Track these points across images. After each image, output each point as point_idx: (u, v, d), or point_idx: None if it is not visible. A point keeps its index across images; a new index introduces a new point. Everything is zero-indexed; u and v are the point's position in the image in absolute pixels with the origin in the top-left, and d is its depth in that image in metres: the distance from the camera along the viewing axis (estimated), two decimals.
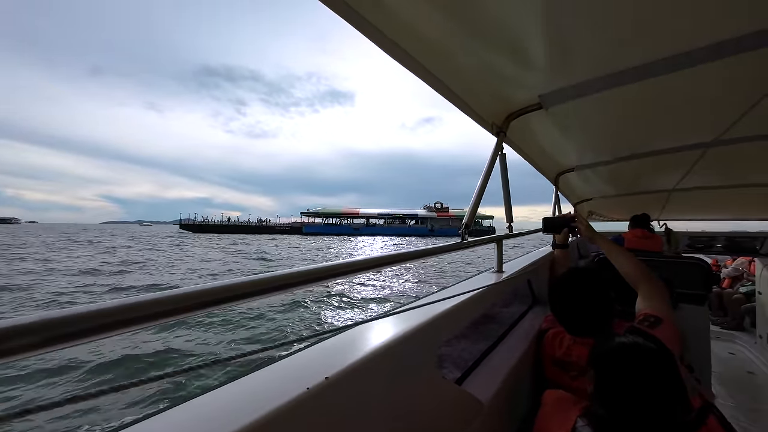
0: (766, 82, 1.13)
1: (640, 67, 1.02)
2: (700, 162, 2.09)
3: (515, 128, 1.44)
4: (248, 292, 0.39)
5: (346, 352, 0.54)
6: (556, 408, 0.92)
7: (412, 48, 0.83)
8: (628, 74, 1.05)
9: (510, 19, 0.80)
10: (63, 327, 0.27)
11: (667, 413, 0.74)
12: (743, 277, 4.51)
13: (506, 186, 1.51)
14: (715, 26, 0.85)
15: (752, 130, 1.56)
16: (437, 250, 0.87)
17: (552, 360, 1.25)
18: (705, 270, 2.22)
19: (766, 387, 2.81)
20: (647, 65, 1.00)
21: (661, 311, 1.07)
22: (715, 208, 3.51)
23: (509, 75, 1.08)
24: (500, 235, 1.32)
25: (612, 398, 0.76)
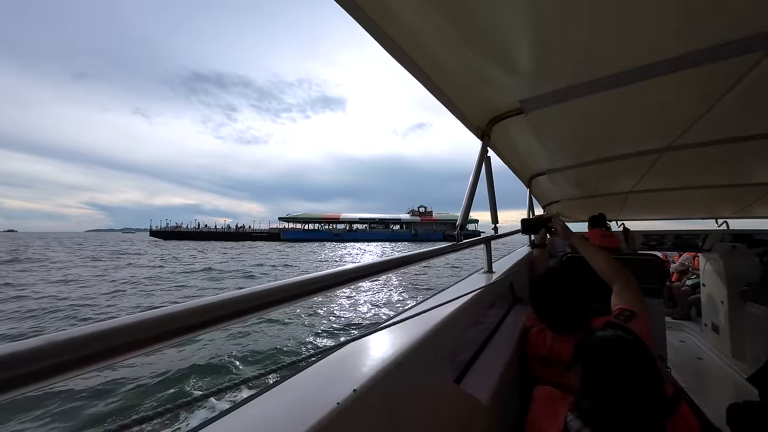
0: (713, 94, 1.26)
1: (611, 77, 1.10)
2: (654, 166, 2.28)
3: (497, 132, 1.49)
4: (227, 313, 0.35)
5: (366, 362, 0.52)
6: (546, 404, 0.94)
7: (408, 46, 0.84)
8: (601, 82, 1.13)
9: (500, 26, 0.84)
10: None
11: (650, 402, 0.78)
12: (689, 271, 4.98)
13: (491, 189, 1.56)
14: (673, 42, 0.94)
15: (698, 138, 1.73)
16: (434, 253, 0.87)
17: (537, 358, 1.29)
18: (660, 265, 2.42)
19: (712, 371, 3.09)
20: (618, 74, 1.08)
21: (635, 305, 1.14)
22: (665, 208, 3.85)
23: (495, 80, 1.12)
24: (489, 236, 1.35)
25: (598, 390, 0.79)
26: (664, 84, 1.15)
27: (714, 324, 3.40)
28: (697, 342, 3.72)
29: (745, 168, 2.32)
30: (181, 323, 0.29)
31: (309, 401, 0.41)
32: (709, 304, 3.54)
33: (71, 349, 0.24)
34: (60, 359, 0.23)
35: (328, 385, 0.45)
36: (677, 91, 1.25)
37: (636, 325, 1.05)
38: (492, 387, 0.96)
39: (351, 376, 0.48)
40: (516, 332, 1.38)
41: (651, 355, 0.80)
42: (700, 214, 3.95)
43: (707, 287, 3.61)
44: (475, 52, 0.94)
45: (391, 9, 0.70)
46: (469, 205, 1.23)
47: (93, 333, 0.26)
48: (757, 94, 1.24)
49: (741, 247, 3.30)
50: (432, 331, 0.67)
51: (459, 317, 0.83)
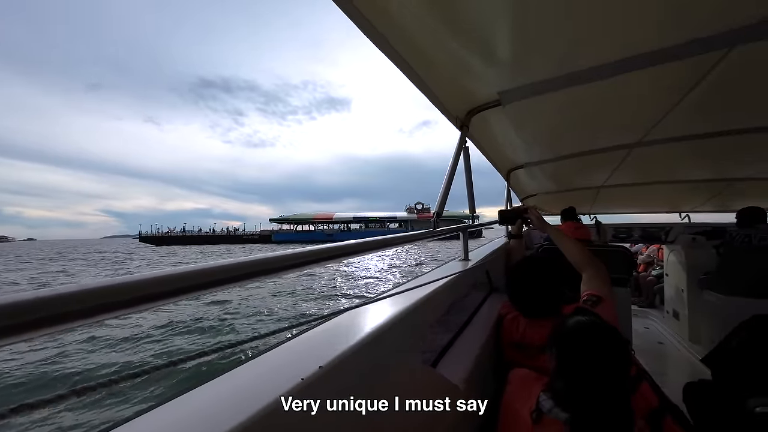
0: (680, 91, 1.32)
1: (587, 70, 1.13)
2: (624, 162, 2.39)
3: (476, 123, 1.51)
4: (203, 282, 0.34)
5: (333, 341, 0.52)
6: (520, 385, 0.98)
7: (389, 33, 0.84)
8: (577, 76, 1.16)
9: (480, 16, 0.84)
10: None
11: (619, 382, 0.82)
12: (654, 263, 5.28)
13: (469, 179, 1.58)
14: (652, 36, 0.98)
15: (665, 134, 1.82)
16: (411, 238, 0.88)
17: (511, 343, 1.34)
18: (628, 257, 2.55)
19: (672, 354, 3.32)
20: (596, 68, 1.11)
21: (602, 291, 1.20)
22: (633, 202, 4.05)
23: (474, 70, 1.13)
24: (465, 225, 1.38)
25: (572, 372, 0.82)
26: (635, 80, 1.20)
27: (675, 311, 3.64)
28: (659, 328, 3.97)
29: (706, 164, 2.47)
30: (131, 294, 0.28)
31: (275, 377, 0.41)
32: (671, 292, 3.78)
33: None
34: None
35: (294, 362, 0.45)
36: (647, 88, 1.31)
37: (602, 309, 1.10)
38: (467, 371, 0.99)
39: (318, 355, 0.48)
40: (492, 319, 1.42)
41: (622, 339, 0.84)
42: (665, 208, 4.19)
43: (670, 277, 3.85)
44: (455, 42, 0.95)
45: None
46: (446, 195, 1.25)
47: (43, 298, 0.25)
48: (719, 92, 1.31)
49: (700, 239, 3.52)
50: (403, 314, 0.68)
51: (433, 301, 0.85)
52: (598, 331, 0.82)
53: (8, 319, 0.22)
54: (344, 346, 0.51)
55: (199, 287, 0.32)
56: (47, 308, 0.24)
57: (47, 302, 0.24)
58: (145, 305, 0.29)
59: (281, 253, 0.44)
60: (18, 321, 0.22)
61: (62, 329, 0.25)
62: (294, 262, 0.46)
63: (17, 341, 0.23)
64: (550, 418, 0.80)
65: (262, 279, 0.39)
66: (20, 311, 0.22)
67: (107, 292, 0.27)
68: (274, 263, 0.41)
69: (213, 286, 0.33)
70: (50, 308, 0.24)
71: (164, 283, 0.30)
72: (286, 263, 0.45)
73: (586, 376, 0.79)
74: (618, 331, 0.84)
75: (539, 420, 0.81)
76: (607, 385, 0.77)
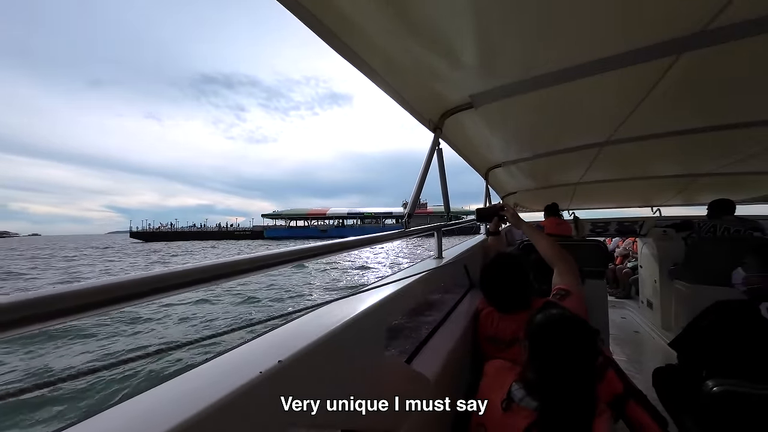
0: (638, 94, 1.40)
1: (552, 74, 1.19)
2: (597, 159, 2.49)
3: (450, 125, 1.55)
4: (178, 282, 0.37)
5: (298, 337, 0.54)
6: (495, 375, 1.02)
7: (354, 43, 0.86)
8: (542, 79, 1.22)
9: (443, 23, 0.88)
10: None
11: (587, 372, 0.87)
12: (630, 255, 5.49)
13: (443, 179, 1.62)
14: (598, 44, 1.04)
15: (630, 133, 1.91)
16: (381, 238, 0.91)
17: (485, 337, 1.39)
18: (603, 250, 2.66)
19: (647, 342, 3.46)
20: (558, 72, 1.17)
21: (571, 285, 1.25)
22: (608, 198, 4.21)
23: (444, 75, 1.16)
24: (439, 224, 1.42)
25: (542, 363, 0.86)
26: (597, 83, 1.27)
27: (649, 301, 3.80)
28: (635, 318, 4.13)
29: (672, 161, 2.60)
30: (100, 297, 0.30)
31: (234, 373, 0.43)
32: (645, 283, 3.94)
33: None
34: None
35: (254, 358, 0.47)
36: (609, 91, 1.38)
37: (570, 302, 1.16)
38: (441, 365, 1.03)
39: (279, 350, 0.50)
40: (470, 314, 1.47)
41: (588, 330, 0.88)
42: (639, 203, 4.37)
43: (644, 268, 4.02)
44: (422, 48, 0.98)
45: (330, 2, 0.71)
46: (418, 195, 1.28)
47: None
48: (674, 94, 1.40)
49: (670, 232, 3.69)
50: (371, 309, 0.70)
51: (402, 298, 0.88)
52: (564, 323, 0.87)
53: None
54: (307, 341, 0.53)
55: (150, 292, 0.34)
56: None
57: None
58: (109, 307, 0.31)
59: (245, 257, 0.46)
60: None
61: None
62: (261, 263, 0.48)
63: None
64: (520, 406, 0.84)
65: (218, 282, 0.41)
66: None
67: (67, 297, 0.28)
68: (235, 266, 0.43)
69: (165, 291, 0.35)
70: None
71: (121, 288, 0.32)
72: (253, 265, 0.47)
73: (554, 365, 0.83)
74: (585, 322, 0.89)
75: (509, 408, 0.86)
76: (574, 374, 0.82)
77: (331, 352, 0.57)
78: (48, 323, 0.27)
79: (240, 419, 0.40)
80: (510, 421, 0.84)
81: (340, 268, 15.30)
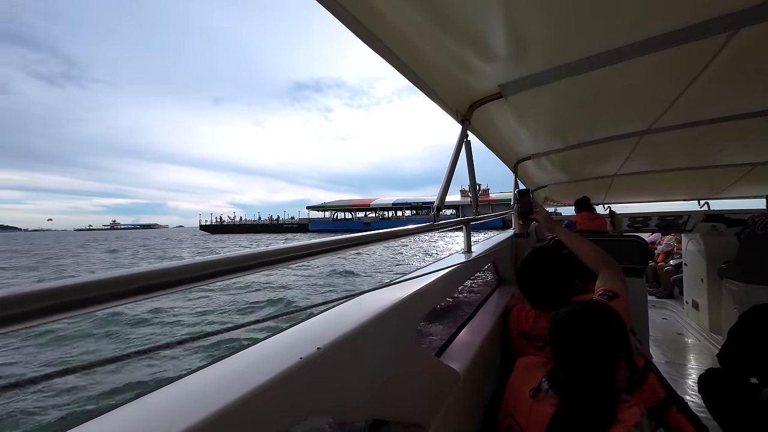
0: (686, 77, 1.29)
1: (587, 59, 1.12)
2: (636, 149, 2.33)
3: (478, 117, 1.52)
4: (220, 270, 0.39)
5: (335, 325, 0.56)
6: (526, 370, 1.01)
7: (383, 35, 0.86)
8: (577, 66, 1.15)
9: (472, 12, 0.85)
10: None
11: (613, 370, 0.84)
12: (674, 252, 5.13)
13: (472, 172, 1.59)
14: (641, 24, 0.97)
15: (677, 120, 1.77)
16: (409, 232, 0.91)
17: (518, 333, 1.35)
18: (642, 247, 2.51)
19: (692, 345, 3.24)
20: (593, 57, 1.11)
21: (619, 289, 1.19)
22: (649, 191, 3.94)
23: (472, 65, 1.14)
24: (468, 218, 1.39)
25: (565, 357, 0.85)
26: (638, 67, 1.18)
27: (694, 301, 3.54)
28: (678, 319, 3.87)
29: (722, 149, 2.38)
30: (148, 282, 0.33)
31: (275, 358, 0.45)
32: (690, 282, 3.67)
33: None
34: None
35: (294, 345, 0.49)
36: (652, 75, 1.29)
37: (617, 304, 1.10)
38: (470, 360, 1.02)
39: (320, 336, 0.52)
40: (499, 310, 1.44)
41: (624, 329, 0.87)
42: (683, 196, 4.05)
43: (689, 266, 3.74)
44: (449, 38, 0.96)
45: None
46: (447, 188, 1.26)
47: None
48: (726, 77, 1.28)
49: (721, 227, 3.40)
50: (403, 301, 0.71)
51: (434, 291, 0.88)
52: (594, 316, 0.85)
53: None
54: (344, 330, 0.55)
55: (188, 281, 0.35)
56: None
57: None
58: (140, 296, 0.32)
59: (280, 246, 0.48)
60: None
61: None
62: (289, 255, 0.49)
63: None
64: (547, 395, 0.85)
65: (262, 270, 0.44)
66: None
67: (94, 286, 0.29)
68: (274, 255, 0.45)
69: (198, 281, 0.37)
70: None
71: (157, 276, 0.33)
72: (287, 255, 0.48)
73: (571, 358, 0.83)
74: (612, 315, 0.87)
75: (536, 396, 0.87)
76: (591, 368, 0.82)
77: (366, 342, 0.58)
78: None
79: (282, 401, 0.42)
80: (537, 408, 0.85)
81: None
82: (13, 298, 0.25)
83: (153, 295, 0.33)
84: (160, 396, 0.40)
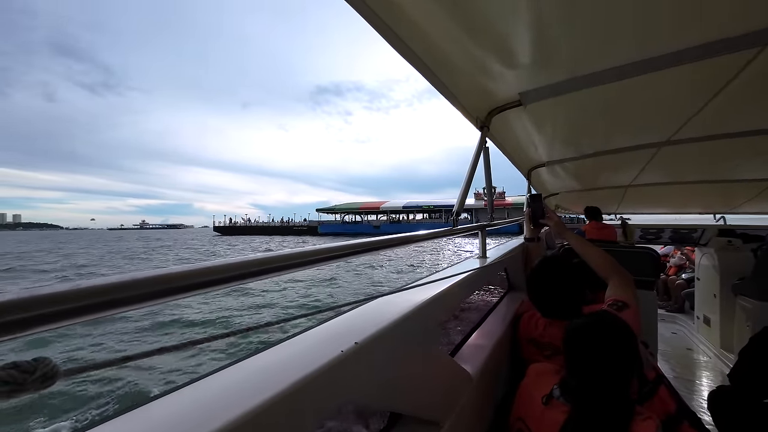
0: (710, 90, 1.28)
1: (612, 70, 1.13)
2: (652, 161, 2.31)
3: (496, 123, 1.53)
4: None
5: (367, 322, 0.59)
6: (537, 377, 1.02)
7: (408, 36, 0.87)
8: (600, 76, 1.16)
9: (498, 19, 0.86)
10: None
11: (627, 382, 0.85)
12: (687, 266, 5.04)
13: (489, 179, 1.60)
14: (671, 37, 0.97)
15: (697, 132, 1.76)
16: (428, 236, 0.93)
17: (528, 340, 1.36)
18: (654, 259, 2.48)
19: (701, 361, 3.18)
20: (618, 68, 1.11)
21: (629, 299, 1.19)
22: (663, 202, 3.88)
23: (494, 71, 1.15)
24: (483, 224, 1.41)
25: (580, 368, 0.86)
26: (661, 79, 1.18)
27: (706, 317, 3.48)
28: (688, 334, 3.80)
29: (741, 164, 2.35)
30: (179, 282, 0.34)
31: (318, 350, 0.49)
32: (702, 297, 3.61)
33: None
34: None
35: (335, 338, 0.52)
36: (674, 87, 1.28)
37: (626, 315, 1.10)
38: (482, 363, 1.03)
39: (355, 332, 0.55)
40: (509, 316, 1.45)
41: (634, 341, 0.87)
42: (698, 209, 3.99)
43: (701, 281, 3.68)
44: (474, 44, 0.97)
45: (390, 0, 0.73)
46: (466, 193, 1.28)
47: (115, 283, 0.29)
48: (750, 92, 1.27)
49: (737, 242, 3.34)
50: (425, 303, 0.73)
51: (451, 294, 0.90)
52: (605, 328, 0.86)
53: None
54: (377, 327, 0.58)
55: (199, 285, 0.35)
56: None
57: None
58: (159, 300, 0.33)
59: (284, 252, 0.47)
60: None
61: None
62: (298, 261, 0.48)
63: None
64: (559, 402, 0.86)
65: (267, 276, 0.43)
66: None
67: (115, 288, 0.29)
68: (281, 261, 0.45)
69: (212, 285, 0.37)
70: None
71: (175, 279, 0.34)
72: (292, 262, 0.47)
73: (591, 371, 0.83)
74: (624, 328, 0.87)
75: (548, 403, 0.88)
76: (606, 380, 0.82)
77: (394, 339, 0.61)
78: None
79: (326, 389, 0.45)
80: (549, 415, 0.86)
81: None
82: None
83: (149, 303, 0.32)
84: (213, 381, 0.42)
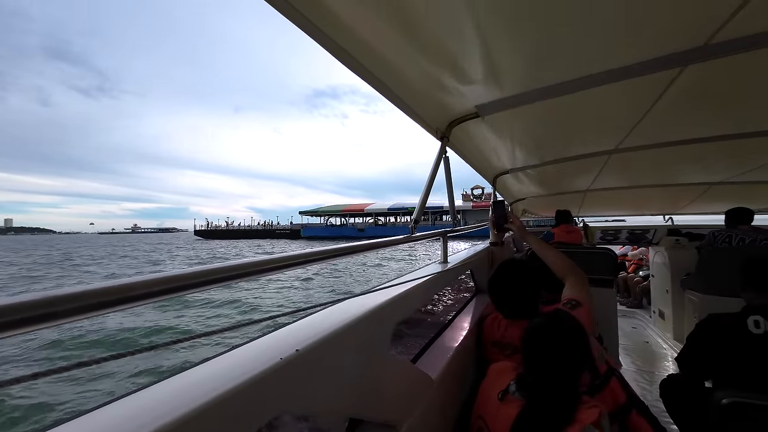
0: (646, 103, 1.42)
1: (559, 85, 1.22)
2: (605, 167, 2.49)
3: (457, 134, 1.59)
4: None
5: (314, 329, 0.59)
6: (497, 376, 1.06)
7: (364, 59, 0.91)
8: (546, 91, 1.25)
9: (447, 38, 0.92)
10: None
11: (577, 375, 0.92)
12: (643, 263, 5.40)
13: (450, 186, 1.66)
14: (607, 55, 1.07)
15: (641, 141, 1.92)
16: (386, 243, 0.95)
17: (492, 342, 1.41)
18: (613, 259, 2.65)
19: (658, 353, 3.40)
20: (565, 83, 1.20)
21: (582, 297, 1.28)
22: (619, 205, 4.16)
23: (450, 88, 1.21)
24: (445, 230, 1.45)
25: (534, 364, 0.92)
26: (604, 93, 1.29)
27: (661, 311, 3.73)
28: (646, 328, 4.05)
29: (683, 169, 2.58)
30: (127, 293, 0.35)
31: (256, 359, 0.48)
32: (657, 293, 3.87)
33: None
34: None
35: (276, 347, 0.52)
36: (617, 100, 1.40)
37: (579, 312, 1.19)
38: (445, 366, 1.06)
39: (297, 341, 0.55)
40: (475, 319, 1.50)
41: (585, 338, 0.94)
42: (650, 211, 4.31)
43: (655, 278, 3.95)
44: (427, 61, 1.02)
45: (336, 18, 0.75)
46: (425, 201, 1.32)
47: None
48: (680, 105, 1.41)
49: (683, 241, 3.63)
50: (378, 309, 0.74)
51: (409, 299, 0.92)
52: (551, 326, 0.93)
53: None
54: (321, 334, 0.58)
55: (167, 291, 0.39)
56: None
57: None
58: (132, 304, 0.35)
59: (253, 259, 0.50)
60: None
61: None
62: (265, 267, 0.51)
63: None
64: (513, 397, 0.92)
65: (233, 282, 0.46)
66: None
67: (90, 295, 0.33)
68: (250, 267, 0.48)
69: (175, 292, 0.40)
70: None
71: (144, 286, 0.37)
72: (258, 268, 0.50)
73: (545, 366, 0.89)
74: (577, 326, 0.94)
75: (503, 398, 0.93)
76: (558, 374, 0.88)
77: (343, 346, 0.62)
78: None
79: (261, 399, 0.45)
80: (504, 410, 0.91)
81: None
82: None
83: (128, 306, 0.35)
84: (145, 395, 0.41)
